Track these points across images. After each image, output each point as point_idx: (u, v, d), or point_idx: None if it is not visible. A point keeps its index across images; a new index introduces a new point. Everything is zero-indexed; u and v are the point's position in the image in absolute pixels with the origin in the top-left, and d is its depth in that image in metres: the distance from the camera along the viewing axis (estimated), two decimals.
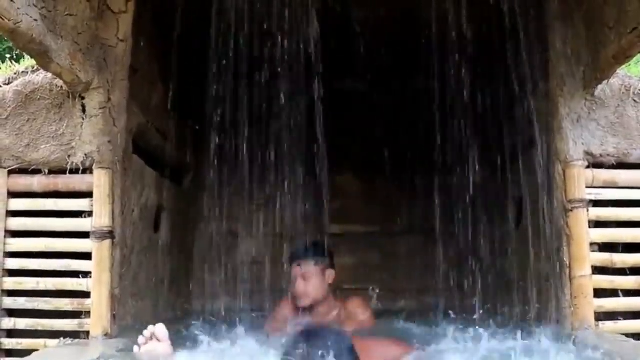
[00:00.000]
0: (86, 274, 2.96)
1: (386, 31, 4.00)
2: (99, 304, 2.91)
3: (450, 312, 3.54)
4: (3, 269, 3.02)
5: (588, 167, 3.07)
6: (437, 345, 2.90)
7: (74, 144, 3.00)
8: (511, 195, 3.83)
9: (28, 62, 3.28)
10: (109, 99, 3.01)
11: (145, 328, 2.38)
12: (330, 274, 3.56)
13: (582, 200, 3.01)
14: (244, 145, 4.09)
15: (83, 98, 3.00)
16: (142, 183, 3.38)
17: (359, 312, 3.60)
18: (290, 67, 3.70)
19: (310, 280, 3.49)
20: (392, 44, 4.19)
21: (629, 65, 3.33)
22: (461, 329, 3.19)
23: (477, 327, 3.07)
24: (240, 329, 3.11)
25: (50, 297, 3.01)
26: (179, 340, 2.67)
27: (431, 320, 3.68)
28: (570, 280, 2.98)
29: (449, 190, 4.23)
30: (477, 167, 3.87)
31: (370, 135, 4.94)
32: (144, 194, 3.40)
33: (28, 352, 2.88)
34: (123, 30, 3.08)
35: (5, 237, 3.03)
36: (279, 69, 3.74)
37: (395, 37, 4.10)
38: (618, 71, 3.07)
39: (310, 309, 3.50)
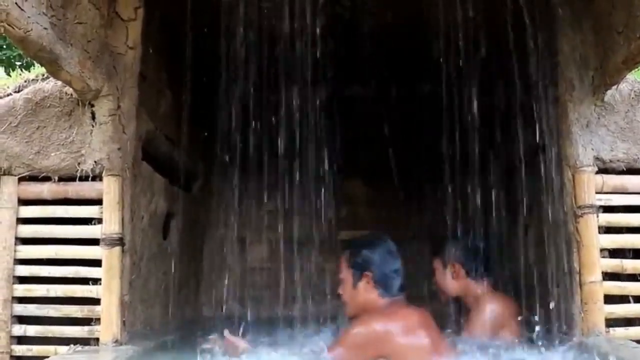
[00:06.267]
0: (96, 281, 2.97)
1: (393, 37, 4.00)
2: (108, 311, 2.91)
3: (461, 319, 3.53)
4: (13, 276, 3.03)
5: (598, 172, 3.06)
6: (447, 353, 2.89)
7: (83, 151, 3.01)
8: (520, 201, 3.81)
9: (38, 69, 3.30)
10: (119, 106, 3.03)
11: (155, 334, 2.40)
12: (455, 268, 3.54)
13: (591, 206, 3.00)
14: (253, 151, 4.10)
15: (92, 105, 3.01)
16: (152, 190, 3.39)
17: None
18: (299, 73, 3.70)
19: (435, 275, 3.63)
20: (400, 50, 4.19)
21: (638, 70, 3.32)
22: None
23: None
24: None
25: (60, 304, 3.02)
26: None
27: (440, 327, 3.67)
28: (581, 286, 2.96)
29: (456, 196, 4.22)
30: (485, 172, 3.86)
31: (378, 141, 4.94)
32: (153, 200, 3.41)
33: (38, 358, 2.92)
34: (132, 37, 3.10)
35: (15, 244, 3.04)
36: (287, 76, 3.75)
37: (403, 43, 4.10)
38: (627, 76, 3.07)
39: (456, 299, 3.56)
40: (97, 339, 2.93)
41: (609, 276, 3.01)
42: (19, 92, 3.13)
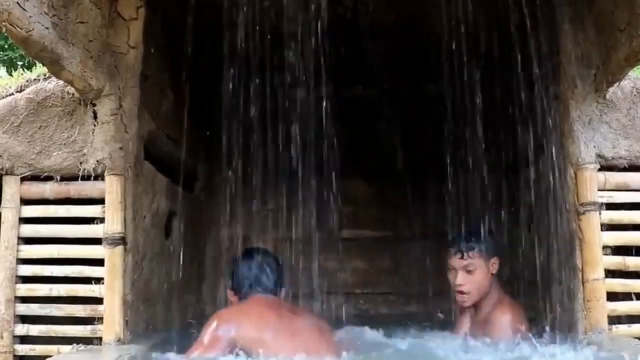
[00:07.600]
0: (98, 280, 2.97)
1: (396, 37, 4.00)
2: (111, 310, 2.92)
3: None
4: (16, 276, 3.03)
5: (600, 169, 3.05)
6: (448, 349, 2.89)
7: (85, 151, 3.01)
8: (523, 199, 3.82)
9: (40, 69, 3.30)
10: (120, 106, 3.03)
11: (157, 334, 2.39)
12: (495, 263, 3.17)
13: (594, 203, 2.99)
14: (256, 150, 4.10)
15: (94, 105, 3.01)
16: (154, 189, 3.39)
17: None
18: (301, 74, 3.70)
19: (474, 273, 3.12)
20: (402, 50, 4.19)
21: None
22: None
23: None
24: None
25: (63, 303, 3.02)
26: None
27: (443, 324, 3.67)
28: (583, 283, 2.96)
29: (460, 194, 4.22)
30: (488, 171, 3.86)
31: (380, 141, 4.95)
32: (155, 200, 3.41)
33: (41, 358, 2.91)
34: (134, 37, 3.10)
35: (18, 244, 3.04)
36: (290, 76, 3.75)
37: (405, 43, 4.10)
38: (629, 73, 3.06)
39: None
40: (100, 339, 2.93)
41: (611, 273, 3.01)
42: (21, 91, 3.13)
